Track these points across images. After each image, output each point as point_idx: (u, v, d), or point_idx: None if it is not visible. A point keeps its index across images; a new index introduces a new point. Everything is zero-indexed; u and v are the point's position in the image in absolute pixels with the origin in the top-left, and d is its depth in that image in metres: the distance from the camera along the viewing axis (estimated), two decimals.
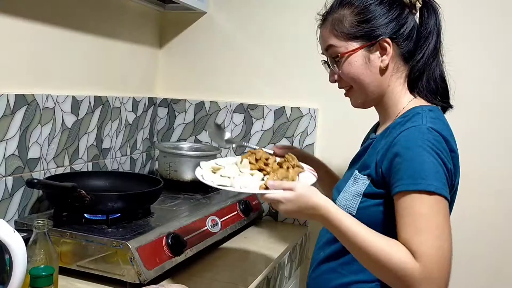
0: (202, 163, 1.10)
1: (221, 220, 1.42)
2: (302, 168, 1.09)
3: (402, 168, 0.87)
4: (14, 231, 0.84)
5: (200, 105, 1.88)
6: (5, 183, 1.23)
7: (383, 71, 0.99)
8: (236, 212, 1.54)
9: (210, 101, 1.87)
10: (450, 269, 0.84)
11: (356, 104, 1.06)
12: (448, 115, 1.03)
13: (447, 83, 1.03)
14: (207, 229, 1.34)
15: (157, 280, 1.10)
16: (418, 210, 0.83)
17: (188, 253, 1.22)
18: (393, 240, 0.86)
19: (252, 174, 1.04)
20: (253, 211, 1.63)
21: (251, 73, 1.82)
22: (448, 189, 0.87)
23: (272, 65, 1.79)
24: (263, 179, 1.01)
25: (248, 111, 1.81)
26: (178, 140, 1.92)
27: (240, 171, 1.05)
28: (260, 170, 1.05)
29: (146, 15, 1.84)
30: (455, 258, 0.84)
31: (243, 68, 1.83)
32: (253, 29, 1.81)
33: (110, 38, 1.63)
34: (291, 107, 1.76)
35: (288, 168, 1.06)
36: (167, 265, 1.14)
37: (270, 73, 1.79)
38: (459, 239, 1.61)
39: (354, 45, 0.98)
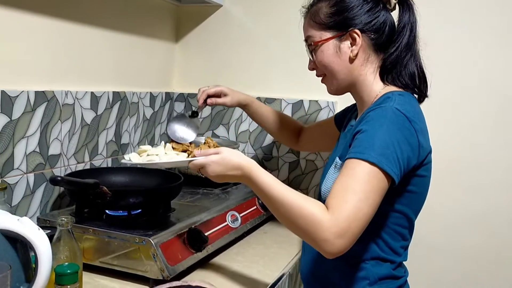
0: (125, 155, 1.21)
1: (240, 215, 1.41)
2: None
3: (358, 140, 0.93)
4: (39, 229, 0.84)
5: None
6: (27, 180, 1.23)
7: (352, 60, 1.05)
8: (255, 207, 1.53)
9: None
10: (360, 231, 0.86)
11: (330, 91, 1.13)
12: (445, 111, 1.02)
13: (426, 76, 1.07)
14: (227, 224, 1.34)
15: (179, 276, 1.10)
16: (356, 173, 0.88)
17: (210, 248, 1.22)
18: (310, 198, 0.90)
19: (178, 154, 1.17)
20: None
21: (268, 66, 1.80)
22: (401, 169, 0.90)
23: (289, 58, 1.77)
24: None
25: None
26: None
27: (165, 153, 1.18)
28: (184, 152, 1.19)
29: (162, 10, 1.83)
30: (457, 252, 0.82)
31: (260, 61, 1.82)
32: (269, 22, 1.79)
33: (126, 33, 1.62)
34: (309, 100, 1.74)
35: (209, 147, 1.21)
36: (189, 261, 1.14)
37: (288, 66, 1.77)
38: (464, 235, 1.57)
39: (327, 34, 1.06)
